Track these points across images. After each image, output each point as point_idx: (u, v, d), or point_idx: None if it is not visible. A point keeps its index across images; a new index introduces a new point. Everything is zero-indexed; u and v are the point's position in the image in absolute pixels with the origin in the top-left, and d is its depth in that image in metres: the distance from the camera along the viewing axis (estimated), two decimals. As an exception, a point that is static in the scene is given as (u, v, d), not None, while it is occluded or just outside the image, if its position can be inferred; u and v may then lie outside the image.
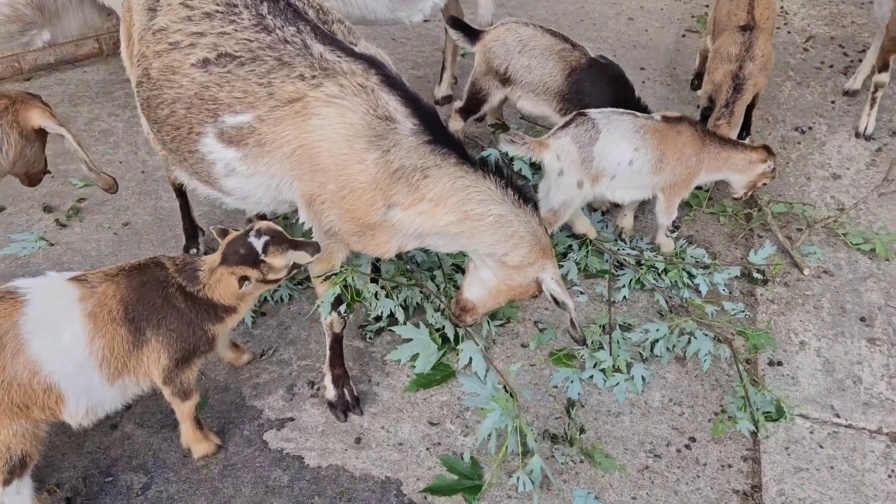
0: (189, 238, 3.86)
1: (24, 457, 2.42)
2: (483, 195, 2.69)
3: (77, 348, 2.40)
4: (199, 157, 2.80)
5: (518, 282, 2.93)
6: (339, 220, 2.71)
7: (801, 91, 5.35)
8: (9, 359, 2.28)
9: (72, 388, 2.41)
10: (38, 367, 2.33)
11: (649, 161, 3.45)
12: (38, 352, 2.33)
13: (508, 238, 2.77)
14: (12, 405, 2.32)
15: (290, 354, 3.42)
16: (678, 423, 3.16)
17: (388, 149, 2.57)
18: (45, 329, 2.36)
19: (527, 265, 2.85)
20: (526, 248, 2.80)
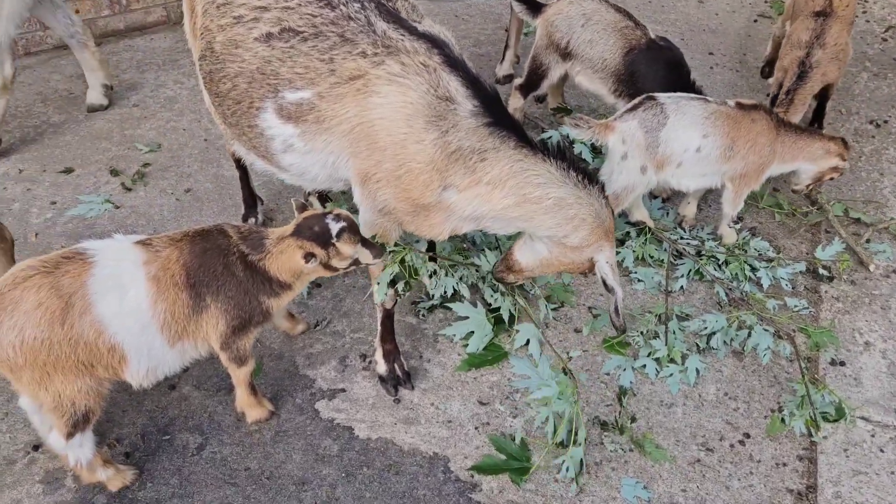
0: (248, 207, 3.91)
1: (88, 412, 2.50)
2: (542, 178, 2.65)
3: (140, 310, 2.46)
4: (258, 132, 2.82)
5: (572, 259, 2.89)
6: (394, 199, 2.70)
7: (877, 83, 5.15)
8: (76, 318, 2.35)
9: (134, 348, 2.47)
10: (103, 326, 2.39)
11: (718, 148, 3.36)
12: (103, 312, 2.39)
13: (569, 221, 2.72)
14: (78, 363, 2.40)
15: (344, 326, 3.45)
16: (732, 418, 3.09)
17: (447, 129, 2.55)
18: (111, 290, 2.42)
19: (585, 246, 2.81)
20: (587, 230, 2.76)
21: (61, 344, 2.34)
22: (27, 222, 3.91)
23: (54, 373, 2.38)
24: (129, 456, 2.88)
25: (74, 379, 2.42)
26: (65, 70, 5.20)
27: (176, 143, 4.52)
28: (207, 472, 2.84)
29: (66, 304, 2.33)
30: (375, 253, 2.70)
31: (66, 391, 2.42)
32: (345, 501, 2.76)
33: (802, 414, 3.00)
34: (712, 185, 3.54)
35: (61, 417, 2.46)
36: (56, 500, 2.71)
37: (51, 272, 2.36)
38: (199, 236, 2.64)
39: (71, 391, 2.43)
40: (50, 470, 2.81)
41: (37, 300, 2.31)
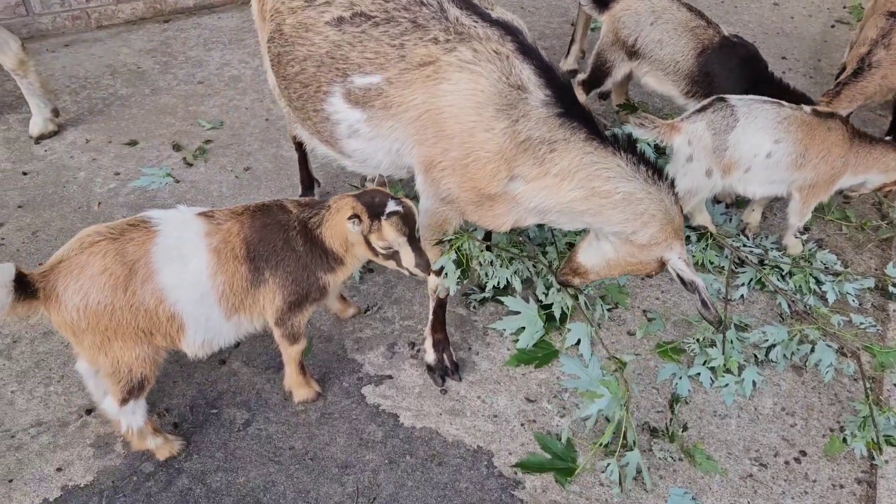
0: (305, 188, 3.93)
1: (143, 379, 2.53)
2: (612, 172, 2.58)
3: (200, 281, 2.47)
4: (323, 116, 2.81)
5: (639, 259, 2.80)
6: (458, 188, 2.66)
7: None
8: (139, 285, 2.38)
9: (192, 318, 2.49)
10: (164, 295, 2.42)
11: (790, 155, 3.23)
12: (165, 281, 2.41)
13: (638, 216, 2.65)
14: (138, 330, 2.43)
15: (394, 313, 3.44)
16: (789, 434, 2.99)
17: (518, 118, 2.50)
18: (173, 260, 2.44)
19: (654, 244, 2.73)
20: (656, 226, 2.68)
21: (123, 310, 2.37)
22: (91, 191, 3.99)
23: (114, 338, 2.41)
24: (177, 426, 2.91)
25: (133, 346, 2.45)
26: (134, 44, 5.30)
27: (238, 122, 4.57)
28: (252, 448, 2.86)
29: (129, 270, 2.36)
30: (422, 264, 2.62)
31: (124, 357, 2.45)
32: (386, 488, 2.75)
33: (864, 435, 2.87)
34: (780, 193, 3.42)
35: (117, 383, 2.49)
36: (105, 465, 2.76)
37: (116, 238, 2.39)
38: (260, 211, 2.65)
39: (129, 358, 2.46)
40: (101, 434, 2.86)
41: (102, 265, 2.34)
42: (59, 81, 4.90)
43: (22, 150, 4.24)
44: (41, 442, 2.82)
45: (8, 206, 3.87)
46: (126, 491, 2.69)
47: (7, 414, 2.91)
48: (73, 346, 2.52)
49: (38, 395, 2.98)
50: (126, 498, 2.67)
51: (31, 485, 2.69)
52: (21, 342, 3.18)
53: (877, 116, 4.73)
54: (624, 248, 2.79)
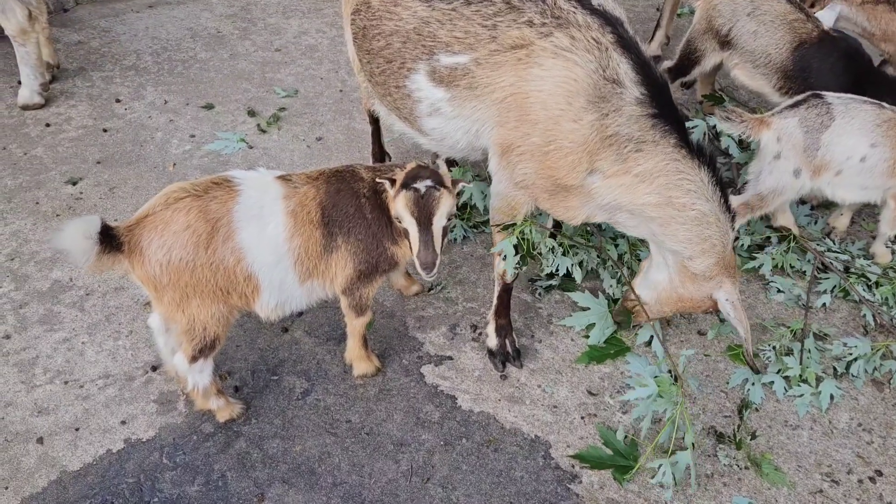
0: (376, 161, 3.90)
1: (215, 339, 2.55)
2: (694, 186, 2.50)
3: (277, 243, 2.47)
4: (405, 93, 2.77)
5: (691, 294, 2.77)
6: (535, 174, 2.60)
7: None
8: (220, 243, 2.38)
9: (268, 280, 2.50)
10: (243, 254, 2.42)
11: (886, 161, 3.04)
12: (244, 240, 2.42)
13: (702, 241, 2.59)
14: (216, 288, 2.44)
15: (457, 294, 3.40)
16: (865, 452, 2.84)
17: (608, 112, 2.43)
18: (253, 220, 2.44)
19: (706, 278, 2.68)
20: (714, 258, 2.63)
21: (203, 268, 2.39)
22: (167, 152, 4.05)
23: (193, 296, 2.43)
24: (238, 390, 2.94)
25: (210, 304, 2.47)
26: (216, 9, 5.34)
27: (312, 91, 4.57)
28: (310, 417, 2.86)
29: (212, 228, 2.37)
30: (426, 259, 2.42)
31: (200, 315, 2.47)
32: (440, 469, 2.72)
33: (949, 462, 2.71)
34: (872, 200, 3.23)
35: (190, 341, 2.52)
36: (167, 421, 2.81)
37: (200, 196, 2.40)
38: (335, 177, 2.63)
39: (205, 316, 2.48)
40: (164, 392, 2.91)
41: (186, 222, 2.36)
42: (141, 42, 4.98)
43: (104, 108, 4.33)
44: (108, 394, 2.88)
45: (87, 162, 3.96)
46: (186, 449, 2.73)
47: (77, 364, 2.98)
48: (151, 301, 2.55)
49: (107, 349, 3.05)
50: (185, 455, 2.71)
51: (97, 435, 2.75)
52: (93, 295, 3.25)
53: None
54: (677, 276, 2.75)
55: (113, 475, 2.63)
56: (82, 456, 2.68)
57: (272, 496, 2.62)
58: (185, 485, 2.62)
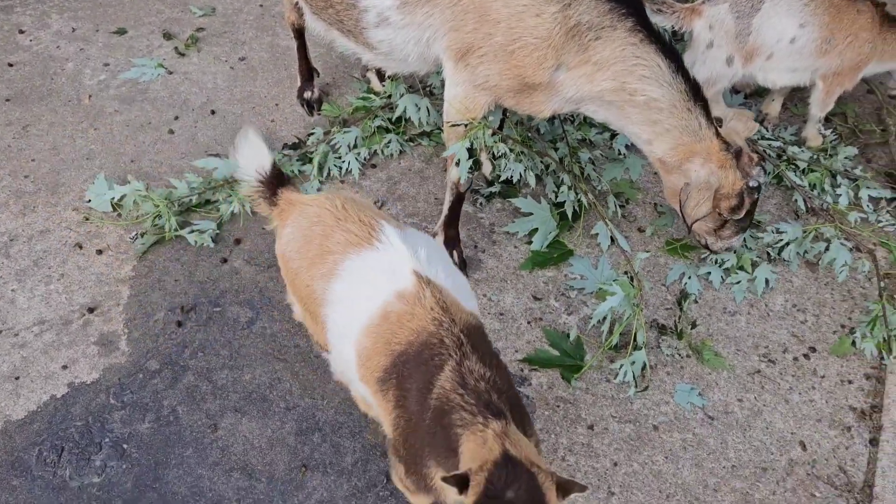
0: (304, 80, 3.74)
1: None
2: (648, 72, 2.47)
3: (352, 326, 2.02)
4: (349, 3, 2.62)
5: (674, 183, 2.77)
6: (499, 75, 2.53)
7: None
8: (319, 272, 2.09)
9: (334, 342, 2.15)
10: (327, 300, 2.07)
11: (815, 41, 3.04)
12: (336, 290, 2.06)
13: (652, 124, 2.58)
14: (305, 303, 2.21)
15: (398, 210, 3.35)
16: (799, 331, 2.95)
17: (570, 2, 2.37)
18: (356, 282, 2.06)
19: (674, 166, 2.68)
20: (669, 142, 2.61)
21: (301, 281, 2.17)
22: (80, 83, 3.82)
23: (294, 293, 2.33)
24: (180, 325, 2.89)
25: (301, 307, 2.32)
26: (117, -76, 4.96)
27: (231, 8, 4.33)
28: (257, 346, 2.84)
29: (320, 254, 2.09)
30: None
31: (299, 311, 2.42)
32: (392, 385, 2.74)
33: (875, 336, 2.83)
34: (802, 82, 3.24)
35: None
36: (110, 362, 2.75)
37: (338, 220, 2.09)
38: (431, 352, 1.87)
39: (301, 314, 2.42)
40: (105, 333, 2.84)
41: (308, 235, 2.13)
42: (40, -35, 4.62)
43: (6, 40, 4.04)
44: (45, 340, 2.81)
45: (-5, 100, 3.72)
46: (133, 388, 2.69)
47: (9, 313, 2.88)
48: None
49: (39, 294, 2.95)
50: (133, 394, 2.68)
51: (38, 382, 2.69)
52: (18, 241, 3.12)
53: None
54: (658, 167, 2.76)
55: (60, 420, 2.59)
56: (25, 404, 2.63)
57: (225, 426, 2.62)
58: (135, 423, 2.60)
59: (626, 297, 2.70)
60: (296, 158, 3.46)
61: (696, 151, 2.65)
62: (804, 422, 2.69)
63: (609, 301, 2.69)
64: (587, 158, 3.41)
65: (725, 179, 2.69)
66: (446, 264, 2.07)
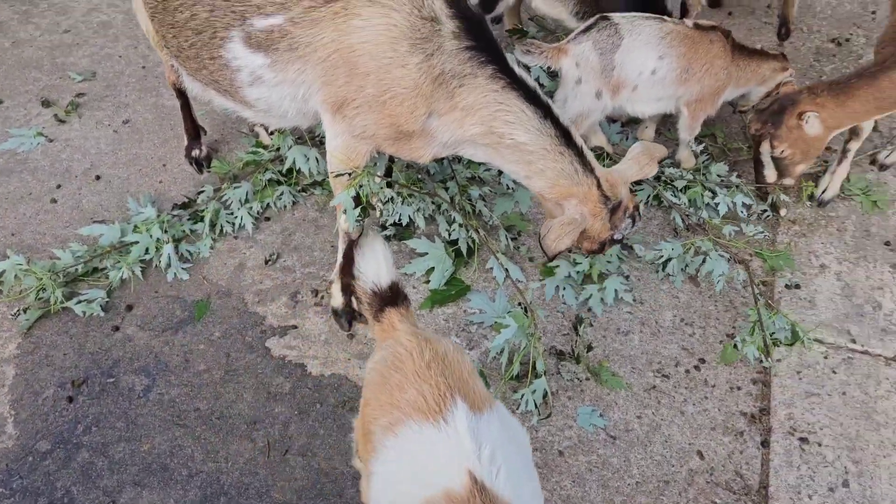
0: (191, 139, 3.71)
1: None
2: (512, 117, 2.56)
3: None
4: (221, 63, 2.64)
5: (557, 214, 2.83)
6: (375, 125, 2.59)
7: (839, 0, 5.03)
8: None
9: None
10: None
11: (674, 71, 3.24)
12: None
13: (527, 165, 2.68)
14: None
15: (294, 261, 3.34)
16: (688, 344, 3.09)
17: (432, 52, 2.45)
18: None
19: (552, 201, 2.78)
20: (545, 181, 2.71)
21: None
22: (-47, 159, 3.68)
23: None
24: (72, 401, 2.78)
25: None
26: (-12, -7, 4.84)
27: (111, 72, 4.27)
28: (155, 413, 2.76)
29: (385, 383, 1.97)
30: None
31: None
32: (298, 439, 2.71)
33: (754, 339, 3.00)
34: (668, 109, 3.44)
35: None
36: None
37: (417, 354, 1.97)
38: None
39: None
40: (-12, 417, 2.70)
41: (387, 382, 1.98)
42: None
43: None
44: (-78, 432, 2.65)
45: None
46: (22, 472, 2.57)
47: None
48: None
49: (-86, 384, 2.79)
50: (22, 479, 2.55)
51: (-84, 478, 2.53)
52: None
53: (762, 24, 4.81)
54: (541, 199, 2.85)
55: (-59, 517, 2.44)
56: None
57: (125, 501, 2.52)
58: (25, 510, 2.48)
59: (520, 328, 2.77)
60: (186, 218, 3.42)
61: (573, 193, 2.74)
62: (700, 431, 2.80)
63: (504, 333, 2.76)
64: (477, 195, 3.50)
65: (593, 227, 2.81)
66: (515, 467, 1.77)
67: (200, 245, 3.35)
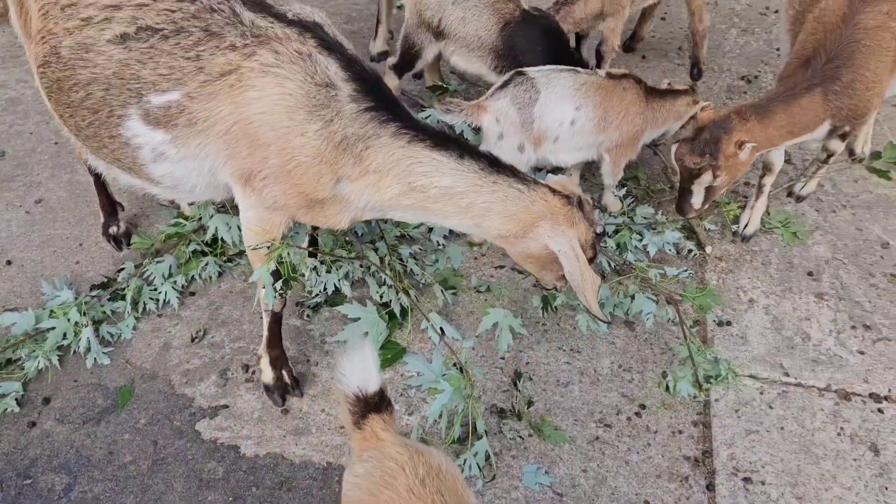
0: (108, 215, 3.59)
1: None
2: (426, 167, 2.53)
3: None
4: (121, 142, 2.57)
5: (529, 249, 2.72)
6: (284, 195, 2.54)
7: (746, 38, 5.26)
8: None
9: None
10: None
11: (592, 120, 3.29)
12: None
13: (467, 209, 2.60)
14: None
15: (223, 337, 3.23)
16: (628, 390, 3.08)
17: (331, 118, 2.43)
18: None
19: (518, 235, 2.66)
20: (498, 219, 2.62)
21: None
22: None
23: None
24: (-16, 509, 2.59)
25: None
26: None
27: (22, 150, 4.11)
28: (77, 515, 2.59)
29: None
30: None
31: None
32: (234, 528, 2.58)
33: (685, 375, 3.01)
34: (590, 157, 3.49)
35: None
36: None
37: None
38: None
39: None
40: None
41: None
42: None
43: None
44: None
45: None
46: None
47: None
48: None
49: None
50: None
51: None
52: None
53: (676, 66, 4.97)
54: (501, 241, 2.75)
55: None
56: None
57: None
58: None
59: (456, 391, 2.71)
60: (106, 298, 3.27)
61: (536, 216, 2.63)
62: (646, 480, 2.77)
63: (439, 399, 2.70)
64: (408, 253, 3.46)
65: (579, 234, 2.68)
66: None
67: (122, 326, 3.21)
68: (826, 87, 3.13)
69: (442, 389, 2.72)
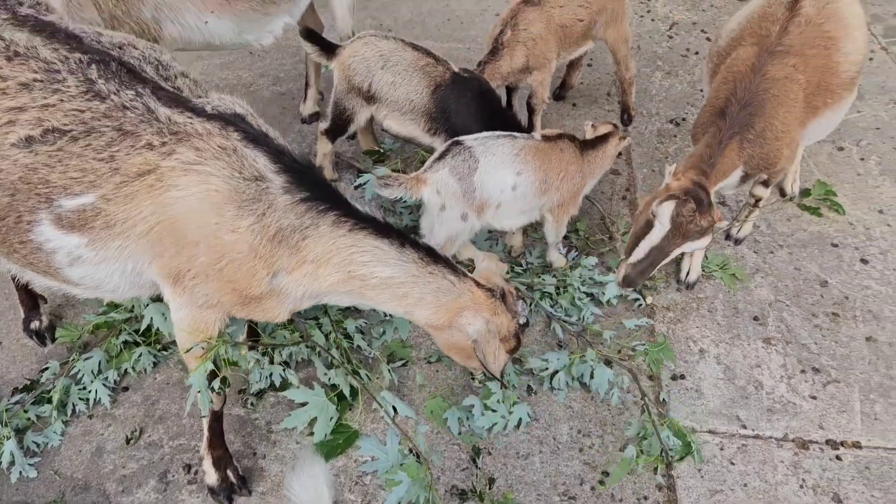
0: (28, 309, 3.36)
1: None
2: (368, 256, 2.46)
3: None
4: (33, 247, 2.40)
5: (456, 339, 2.72)
6: (217, 292, 2.42)
7: (670, 81, 5.35)
8: None
9: None
10: None
11: (533, 183, 3.26)
12: None
13: (402, 298, 2.56)
14: None
15: (160, 434, 3.03)
16: (589, 457, 3.01)
17: (264, 212, 2.32)
18: None
19: (446, 326, 2.65)
20: (430, 309, 2.60)
21: None
22: None
23: None
24: None
25: None
26: None
27: (-70, 241, 3.83)
28: None
29: None
30: None
31: None
32: None
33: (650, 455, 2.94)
34: (533, 219, 3.46)
35: None
36: None
37: None
38: None
39: None
40: None
41: None
42: None
43: None
44: None
45: None
46: None
47: None
48: None
49: None
50: None
51: None
52: None
53: (606, 112, 5.02)
54: (430, 330, 2.74)
55: None
56: None
57: None
58: None
59: (414, 482, 2.59)
60: (30, 402, 3.05)
61: (462, 306, 2.65)
62: (615, 554, 2.70)
63: (396, 492, 2.57)
64: (354, 328, 3.34)
65: (501, 325, 2.73)
66: None
67: (49, 432, 2.99)
68: (742, 136, 3.18)
69: (399, 481, 2.59)
